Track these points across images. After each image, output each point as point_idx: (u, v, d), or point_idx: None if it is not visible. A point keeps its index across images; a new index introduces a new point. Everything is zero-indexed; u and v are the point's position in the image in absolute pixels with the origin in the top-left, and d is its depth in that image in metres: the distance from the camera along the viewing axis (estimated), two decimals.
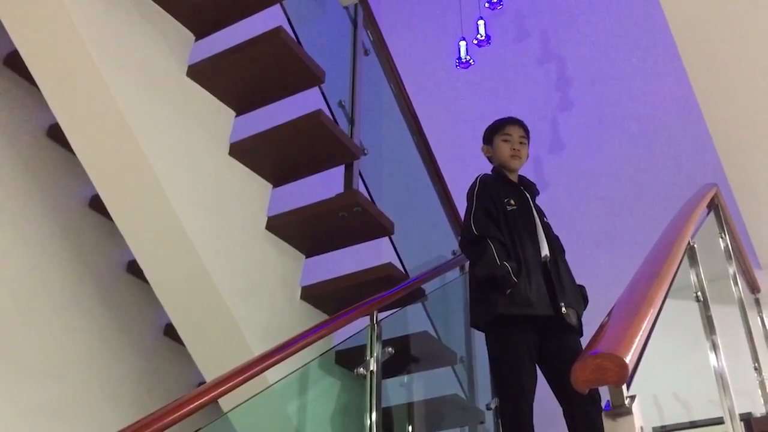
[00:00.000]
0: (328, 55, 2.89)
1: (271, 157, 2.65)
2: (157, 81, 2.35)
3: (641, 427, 1.03)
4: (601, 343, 1.04)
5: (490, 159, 2.66)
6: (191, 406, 1.68)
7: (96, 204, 2.83)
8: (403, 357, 2.76)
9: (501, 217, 2.42)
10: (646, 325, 1.15)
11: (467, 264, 3.31)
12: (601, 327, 1.16)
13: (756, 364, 2.91)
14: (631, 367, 0.99)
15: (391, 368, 2.37)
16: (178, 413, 1.64)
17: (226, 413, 2.17)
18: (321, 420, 2.62)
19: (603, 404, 1.06)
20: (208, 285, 2.35)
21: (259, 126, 2.61)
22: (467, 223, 2.44)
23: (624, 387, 1.02)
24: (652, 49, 5.10)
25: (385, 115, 3.50)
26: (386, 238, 2.96)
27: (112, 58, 2.18)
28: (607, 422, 1.03)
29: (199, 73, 2.50)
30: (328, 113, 2.68)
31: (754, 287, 3.57)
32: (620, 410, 1.02)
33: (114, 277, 2.94)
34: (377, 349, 2.27)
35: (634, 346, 1.04)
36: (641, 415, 1.03)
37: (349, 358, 2.55)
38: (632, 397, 1.03)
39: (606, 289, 2.46)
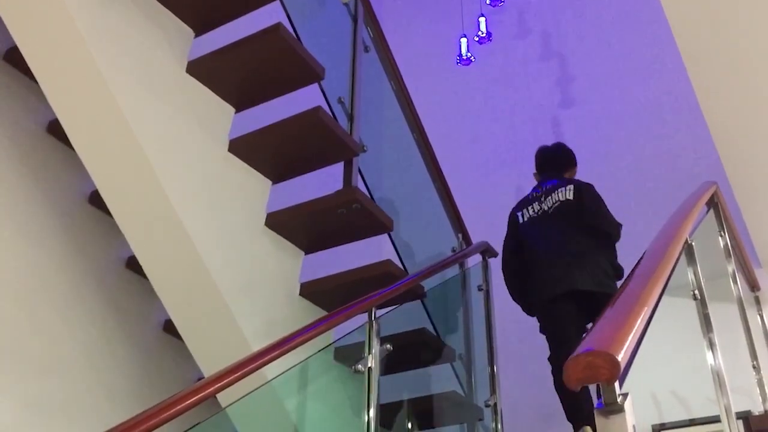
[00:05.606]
0: (328, 52, 2.88)
1: (270, 153, 2.65)
2: (156, 77, 2.36)
3: (633, 425, 1.03)
4: (594, 341, 1.04)
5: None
6: (190, 401, 1.69)
7: (95, 200, 2.83)
8: (401, 354, 2.77)
9: None
10: (639, 324, 1.15)
11: (467, 261, 3.32)
12: (595, 324, 1.16)
13: (754, 362, 2.91)
14: (623, 365, 0.99)
15: (389, 365, 2.37)
16: (177, 408, 1.65)
17: (224, 408, 2.18)
18: (319, 416, 2.62)
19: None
20: (207, 281, 2.35)
21: (259, 122, 2.61)
22: (610, 216, 2.97)
23: (616, 384, 1.02)
24: (653, 47, 5.09)
25: (385, 112, 3.49)
26: (385, 235, 2.97)
27: (112, 54, 2.18)
28: (599, 420, 1.03)
29: (199, 69, 2.50)
30: (327, 110, 2.67)
31: (753, 285, 3.56)
32: (612, 408, 1.02)
33: (113, 273, 2.95)
34: (375, 345, 2.27)
35: (627, 344, 1.04)
36: (634, 413, 1.03)
37: (347, 355, 2.55)
38: (625, 395, 1.04)
39: None
